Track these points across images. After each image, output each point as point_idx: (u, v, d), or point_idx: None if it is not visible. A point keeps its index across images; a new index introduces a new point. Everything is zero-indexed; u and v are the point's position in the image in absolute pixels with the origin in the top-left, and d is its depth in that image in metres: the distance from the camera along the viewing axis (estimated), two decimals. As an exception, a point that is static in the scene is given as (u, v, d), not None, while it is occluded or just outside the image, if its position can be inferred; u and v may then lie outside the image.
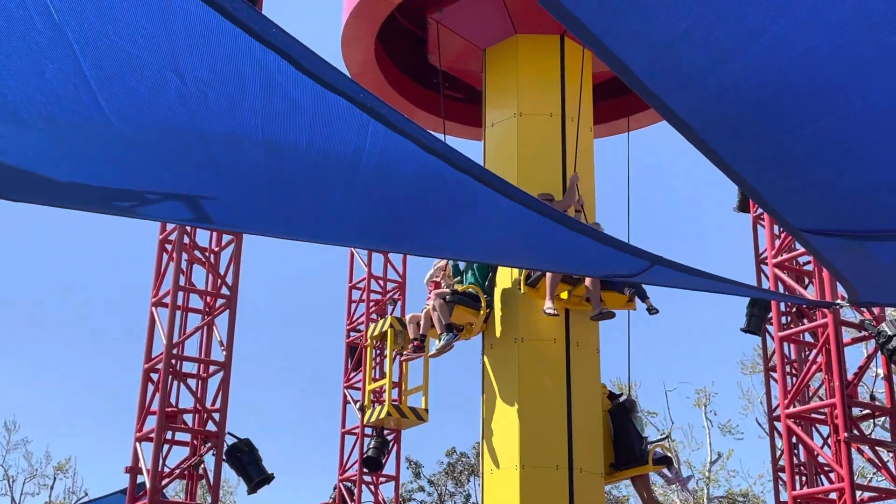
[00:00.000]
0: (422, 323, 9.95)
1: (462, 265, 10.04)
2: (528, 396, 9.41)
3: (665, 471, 9.90)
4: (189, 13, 2.44)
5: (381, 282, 15.73)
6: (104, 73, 2.67)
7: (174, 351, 10.20)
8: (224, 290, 10.50)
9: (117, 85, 2.74)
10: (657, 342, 41.29)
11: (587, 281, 9.32)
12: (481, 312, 9.67)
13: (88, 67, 2.63)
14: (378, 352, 14.02)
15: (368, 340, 12.62)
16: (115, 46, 2.53)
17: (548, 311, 9.25)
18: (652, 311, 9.69)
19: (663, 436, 9.95)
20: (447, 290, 9.61)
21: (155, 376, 10.22)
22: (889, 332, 9.90)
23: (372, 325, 12.48)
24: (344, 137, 3.21)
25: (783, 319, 12.20)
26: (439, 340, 9.65)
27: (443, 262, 10.19)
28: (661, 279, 5.35)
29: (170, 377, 10.10)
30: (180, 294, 10.41)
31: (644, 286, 9.73)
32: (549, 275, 9.21)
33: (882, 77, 2.08)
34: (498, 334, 9.74)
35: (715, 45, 2.12)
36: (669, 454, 10.71)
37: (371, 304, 15.54)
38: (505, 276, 9.89)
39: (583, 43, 2.37)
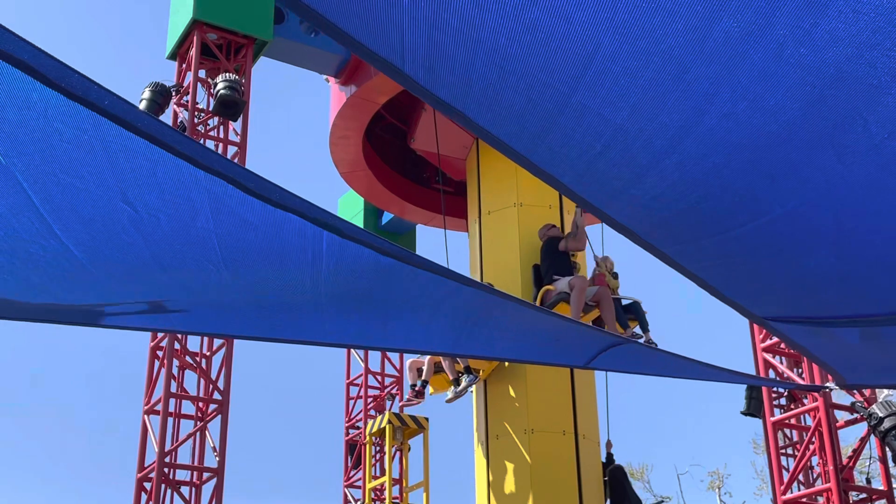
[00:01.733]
0: (424, 369, 9.75)
1: None
2: (540, 491, 9.23)
3: None
4: (131, 150, 2.53)
5: (378, 377, 15.69)
6: (56, 206, 2.76)
7: (167, 459, 10.13)
8: (216, 395, 10.48)
9: (71, 215, 2.82)
10: (667, 424, 40.82)
11: (601, 308, 9.31)
12: (493, 361, 9.51)
13: (40, 202, 2.72)
14: (377, 448, 13.92)
15: (367, 437, 12.53)
16: (63, 182, 2.62)
17: None
18: (650, 345, 9.66)
19: (660, 499, 9.88)
20: None
21: (148, 485, 10.13)
22: (880, 414, 9.80)
23: (370, 422, 12.40)
24: (301, 251, 3.28)
25: (781, 401, 12.12)
26: (455, 385, 9.44)
27: None
28: (632, 362, 5.33)
29: (163, 486, 10.01)
30: (172, 401, 10.39)
31: (647, 319, 9.75)
32: (573, 297, 9.16)
33: (791, 189, 2.16)
34: (506, 425, 9.60)
35: (631, 162, 2.21)
36: None
37: (369, 400, 15.47)
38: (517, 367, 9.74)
39: (514, 160, 2.46)
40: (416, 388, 9.96)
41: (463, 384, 9.33)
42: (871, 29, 1.53)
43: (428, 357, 9.77)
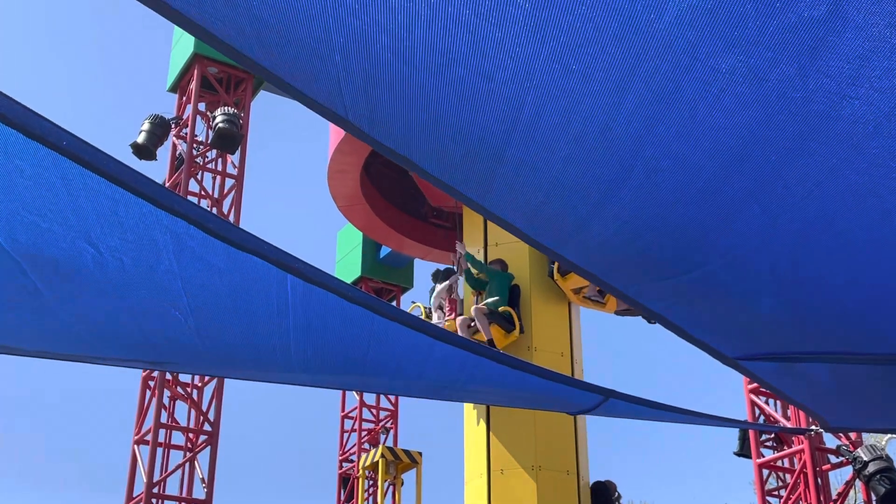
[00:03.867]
0: None
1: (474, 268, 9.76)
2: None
3: None
4: (92, 189, 2.57)
5: (373, 410, 15.66)
6: (23, 246, 2.79)
7: (155, 489, 10.12)
8: (206, 426, 10.49)
9: (38, 255, 2.85)
10: (669, 464, 40.54)
11: None
12: (511, 336, 9.49)
13: (6, 241, 2.75)
14: (371, 482, 13.88)
15: (360, 471, 12.50)
16: (27, 221, 2.66)
17: (594, 297, 9.27)
18: (651, 320, 9.70)
19: None
20: (485, 307, 9.36)
21: (136, 516, 10.13)
22: (865, 458, 9.74)
23: (364, 456, 12.38)
24: (266, 293, 3.30)
25: (772, 443, 12.06)
26: None
27: (445, 285, 10.09)
28: (618, 412, 5.37)
29: (150, 517, 10.01)
30: (162, 431, 10.39)
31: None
32: None
33: (724, 241, 2.20)
34: (512, 459, 9.53)
35: (573, 212, 2.25)
36: None
37: (363, 433, 15.44)
38: (520, 423, 9.65)
39: (469, 206, 2.51)
40: None
41: None
42: (776, 94, 1.58)
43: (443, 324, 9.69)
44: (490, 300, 9.43)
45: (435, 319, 9.86)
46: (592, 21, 1.37)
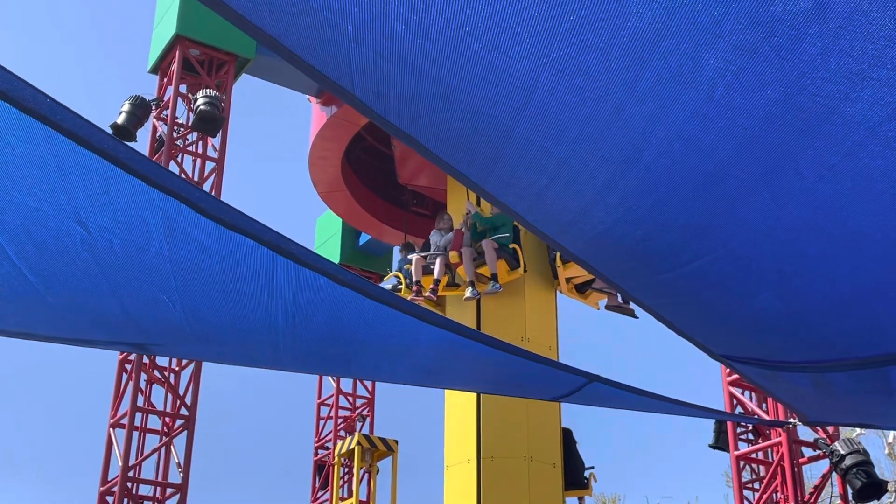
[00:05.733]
0: (437, 268, 9.61)
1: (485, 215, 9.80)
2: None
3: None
4: (84, 166, 2.54)
5: (349, 398, 15.64)
6: (10, 227, 2.74)
7: (130, 473, 10.07)
8: (183, 411, 10.44)
9: (25, 238, 2.81)
10: (640, 455, 40.81)
11: None
12: (515, 273, 9.54)
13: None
14: (346, 470, 13.86)
15: (336, 458, 12.48)
16: (16, 201, 2.62)
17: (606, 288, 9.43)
18: (636, 315, 9.83)
19: (591, 466, 10.04)
20: (495, 242, 9.41)
21: (111, 500, 10.07)
22: (842, 451, 9.83)
23: (340, 443, 12.36)
24: (256, 276, 3.27)
25: (749, 435, 12.16)
26: (472, 287, 9.32)
27: (448, 237, 10.07)
28: (599, 397, 5.36)
29: (125, 500, 9.95)
30: (138, 415, 10.34)
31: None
32: None
33: (730, 228, 2.20)
34: (503, 447, 9.55)
35: (577, 196, 2.24)
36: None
37: (339, 420, 15.42)
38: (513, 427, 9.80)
39: (469, 188, 2.50)
40: (416, 288, 9.72)
41: (491, 289, 9.31)
42: (796, 73, 1.57)
43: (439, 258, 9.68)
44: (500, 236, 9.53)
45: (438, 264, 9.82)
46: (616, -7, 1.35)
